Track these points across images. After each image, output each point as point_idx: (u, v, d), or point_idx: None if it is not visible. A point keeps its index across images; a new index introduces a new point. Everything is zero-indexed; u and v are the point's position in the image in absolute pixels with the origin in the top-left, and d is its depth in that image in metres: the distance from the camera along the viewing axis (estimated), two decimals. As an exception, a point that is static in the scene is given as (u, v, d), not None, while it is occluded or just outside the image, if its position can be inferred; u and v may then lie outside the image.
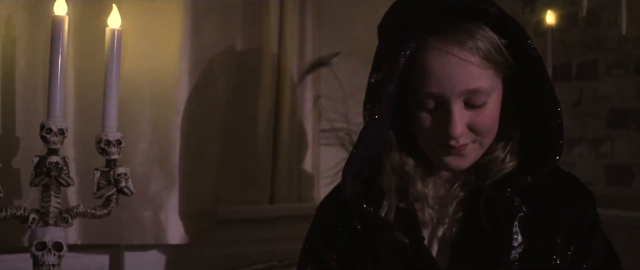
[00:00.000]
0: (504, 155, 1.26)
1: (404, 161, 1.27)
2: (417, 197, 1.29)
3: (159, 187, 1.81)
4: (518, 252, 1.24)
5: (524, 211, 1.27)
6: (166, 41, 1.81)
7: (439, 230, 1.31)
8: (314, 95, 2.33)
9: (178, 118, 1.82)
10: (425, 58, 1.13)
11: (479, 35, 1.13)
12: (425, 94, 1.14)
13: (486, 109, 1.17)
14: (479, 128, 1.18)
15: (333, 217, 1.38)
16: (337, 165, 2.48)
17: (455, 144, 1.17)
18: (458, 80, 1.12)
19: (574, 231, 1.27)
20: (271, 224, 2.20)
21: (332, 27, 2.44)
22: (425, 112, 1.17)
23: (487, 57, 1.13)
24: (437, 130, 1.17)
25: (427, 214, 1.30)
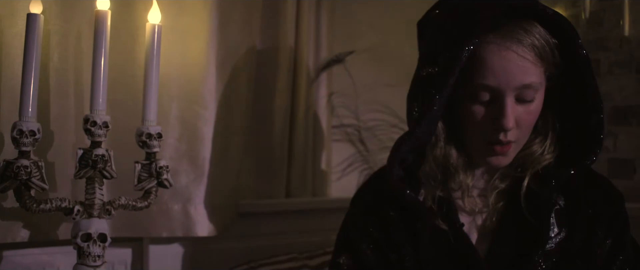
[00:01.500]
0: (542, 149, 1.32)
1: (447, 153, 1.32)
2: (459, 187, 1.34)
3: (188, 181, 1.84)
4: (554, 243, 1.30)
5: (560, 204, 1.33)
6: (194, 38, 1.84)
7: (478, 219, 1.37)
8: (328, 92, 2.36)
9: (206, 112, 1.85)
10: (485, 52, 1.18)
11: (536, 34, 1.19)
12: (482, 86, 1.19)
13: (533, 105, 1.23)
14: (524, 124, 1.24)
15: (368, 206, 1.43)
16: (345, 161, 2.54)
17: (503, 138, 1.22)
18: (515, 75, 1.18)
19: (612, 226, 1.34)
20: (288, 218, 2.23)
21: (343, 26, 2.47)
22: (478, 105, 1.22)
23: (541, 55, 1.19)
24: (488, 123, 1.22)
25: (467, 203, 1.35)
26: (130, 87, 1.75)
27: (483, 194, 1.37)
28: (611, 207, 1.36)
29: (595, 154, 1.28)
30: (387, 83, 2.53)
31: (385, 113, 2.60)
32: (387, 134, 2.63)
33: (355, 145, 2.57)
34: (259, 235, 2.16)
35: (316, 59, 2.32)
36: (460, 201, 1.36)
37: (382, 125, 2.61)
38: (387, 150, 2.59)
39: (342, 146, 2.53)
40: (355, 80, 2.46)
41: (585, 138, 1.28)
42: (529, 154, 1.32)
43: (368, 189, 1.48)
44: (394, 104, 2.59)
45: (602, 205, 1.36)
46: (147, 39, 1.52)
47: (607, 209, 1.36)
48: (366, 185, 1.51)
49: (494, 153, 1.26)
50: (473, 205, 1.36)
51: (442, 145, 1.31)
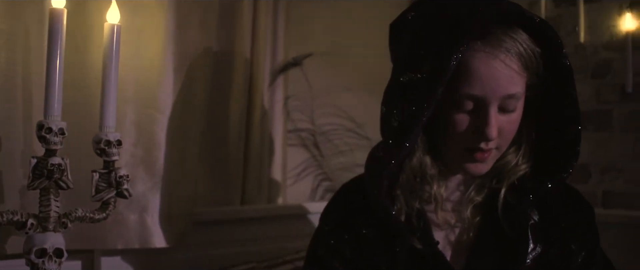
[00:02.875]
0: (516, 159, 1.29)
1: (423, 162, 1.27)
2: (433, 199, 1.30)
3: (145, 189, 1.75)
4: (530, 258, 1.27)
5: (534, 219, 1.30)
6: (150, 39, 1.75)
7: (451, 235, 1.33)
8: (284, 96, 2.30)
9: (163, 116, 1.77)
10: (471, 60, 1.14)
11: (522, 42, 1.16)
12: (467, 95, 1.16)
13: (514, 114, 1.20)
14: (505, 132, 1.21)
15: (339, 223, 1.37)
16: (299, 166, 2.48)
17: (485, 146, 1.19)
18: (501, 85, 1.14)
19: (585, 239, 1.32)
20: (243, 225, 2.16)
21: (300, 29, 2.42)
22: (461, 113, 1.18)
23: (527, 65, 1.17)
24: (469, 131, 1.19)
25: (441, 217, 1.31)
26: (83, 90, 1.65)
27: (456, 207, 1.34)
28: (583, 220, 1.35)
29: (571, 166, 1.25)
30: (344, 87, 2.49)
31: (341, 117, 2.57)
32: (342, 139, 2.59)
33: (309, 150, 2.52)
34: (215, 245, 2.07)
35: (272, 62, 2.25)
36: (432, 215, 1.32)
37: (337, 129, 2.57)
38: (341, 155, 2.61)
39: (296, 151, 2.48)
40: (311, 83, 2.41)
41: (560, 149, 1.26)
42: (504, 164, 1.30)
43: (339, 203, 1.42)
44: (351, 108, 2.56)
45: (575, 218, 1.34)
46: (105, 39, 1.43)
47: (579, 222, 1.34)
48: (337, 199, 1.45)
49: (473, 160, 1.22)
50: (447, 219, 1.32)
51: (420, 154, 1.27)
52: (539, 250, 1.28)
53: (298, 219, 2.29)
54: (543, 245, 1.29)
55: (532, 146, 1.30)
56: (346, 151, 2.61)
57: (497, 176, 1.31)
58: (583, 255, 1.32)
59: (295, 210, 2.30)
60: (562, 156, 1.26)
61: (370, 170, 1.28)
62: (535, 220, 1.30)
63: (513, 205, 1.28)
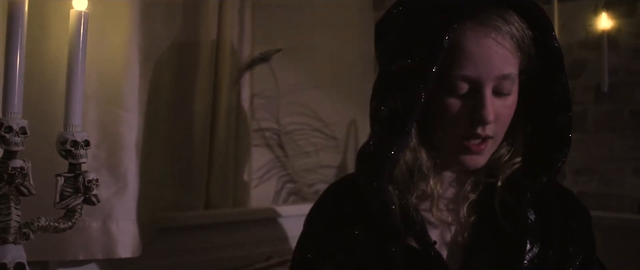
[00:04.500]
0: (510, 153, 1.25)
1: (418, 156, 1.21)
2: (428, 196, 1.24)
3: (109, 194, 1.61)
4: (527, 259, 1.23)
5: (531, 218, 1.25)
6: (115, 29, 1.61)
7: (446, 234, 1.27)
8: (251, 93, 2.18)
9: (129, 115, 1.62)
10: (463, 40, 1.11)
11: (514, 23, 1.13)
12: (460, 77, 1.11)
13: (510, 99, 1.16)
14: (502, 118, 1.16)
15: (329, 225, 1.29)
16: (263, 168, 2.37)
17: (482, 132, 1.14)
18: (495, 64, 1.11)
19: (582, 242, 1.29)
20: (209, 231, 2.04)
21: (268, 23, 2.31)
22: (455, 98, 1.14)
23: (519, 45, 1.14)
24: (465, 118, 1.14)
25: (436, 215, 1.25)
26: (42, 85, 1.50)
27: (451, 205, 1.28)
28: (580, 223, 1.32)
29: (564, 155, 1.21)
30: (313, 84, 2.39)
31: (308, 116, 2.47)
32: (307, 139, 2.49)
33: (273, 151, 2.41)
34: (179, 252, 1.95)
35: (239, 57, 2.13)
36: (427, 213, 1.25)
37: (303, 129, 2.47)
38: (306, 156, 2.50)
39: (260, 151, 2.37)
40: (279, 80, 2.29)
41: (551, 138, 1.22)
42: (498, 158, 1.25)
43: (327, 205, 1.34)
44: (318, 107, 2.47)
45: (571, 220, 1.30)
46: (71, 27, 1.28)
47: (576, 225, 1.30)
48: (324, 200, 1.36)
49: (469, 152, 1.17)
50: (442, 217, 1.26)
51: (414, 148, 1.21)
52: (536, 251, 1.23)
53: (266, 224, 2.18)
54: (540, 245, 1.24)
55: (525, 139, 1.25)
56: (311, 152, 2.52)
57: (491, 171, 1.25)
58: (581, 259, 1.28)
59: (263, 214, 2.19)
60: (553, 145, 1.21)
61: (364, 167, 1.19)
62: (532, 220, 1.25)
63: (510, 204, 1.23)
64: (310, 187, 2.53)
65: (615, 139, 2.31)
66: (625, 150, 2.29)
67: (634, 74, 2.27)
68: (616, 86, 2.29)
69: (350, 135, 2.67)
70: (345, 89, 2.58)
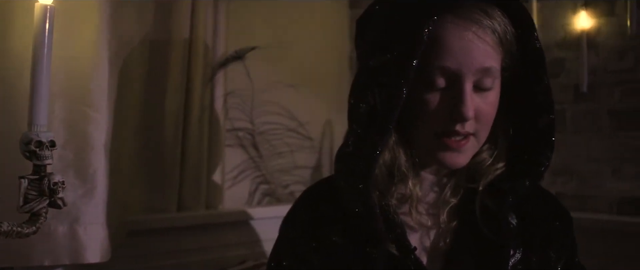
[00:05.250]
0: (492, 157, 1.22)
1: (396, 156, 1.17)
2: (407, 199, 1.20)
3: (76, 196, 1.54)
4: (511, 265, 1.20)
5: (513, 223, 1.22)
6: (83, 24, 1.54)
7: (426, 239, 1.23)
8: (224, 92, 2.12)
9: (97, 114, 1.56)
10: (442, 32, 1.08)
11: (496, 17, 1.10)
12: (439, 69, 1.08)
13: (491, 95, 1.13)
14: (483, 116, 1.12)
15: (306, 230, 1.24)
16: (236, 168, 2.32)
17: (461, 128, 1.10)
18: (475, 57, 1.08)
19: (563, 247, 1.26)
20: (181, 234, 1.98)
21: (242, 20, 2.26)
22: (433, 92, 1.10)
23: (501, 40, 1.11)
24: (443, 113, 1.10)
25: (415, 219, 1.21)
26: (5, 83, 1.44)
27: (431, 210, 1.23)
28: (562, 227, 1.29)
29: (547, 158, 1.18)
30: (287, 83, 2.34)
31: (283, 116, 2.42)
32: (282, 139, 2.45)
33: (247, 151, 2.36)
34: (150, 256, 1.90)
35: (213, 55, 2.08)
36: (406, 216, 1.21)
37: (277, 129, 2.42)
38: (280, 156, 2.45)
39: (233, 152, 2.32)
40: (253, 79, 2.24)
41: (534, 141, 1.18)
42: (479, 163, 1.21)
43: (304, 209, 1.29)
44: (293, 106, 2.43)
45: (553, 224, 1.28)
46: (36, 22, 1.22)
47: (558, 229, 1.28)
48: (301, 204, 1.32)
49: (448, 148, 1.13)
50: (422, 221, 1.22)
51: (392, 145, 1.17)
52: (518, 257, 1.20)
53: (240, 226, 2.13)
54: (523, 251, 1.21)
55: (508, 143, 1.22)
56: (286, 152, 2.47)
57: (472, 176, 1.22)
58: (562, 264, 1.25)
59: (236, 216, 2.13)
60: (536, 149, 1.18)
61: (344, 168, 1.15)
62: (514, 225, 1.22)
63: (491, 209, 1.20)
64: (285, 188, 2.48)
65: (593, 139, 2.29)
66: (603, 151, 2.27)
67: (612, 74, 2.25)
68: (595, 86, 2.27)
69: (326, 136, 2.63)
70: (320, 88, 2.54)
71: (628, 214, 2.22)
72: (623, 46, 2.23)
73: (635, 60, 2.21)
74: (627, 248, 2.11)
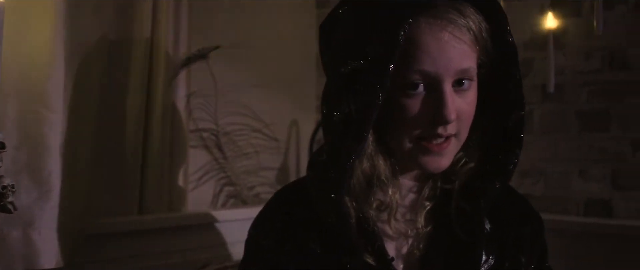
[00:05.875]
0: (465, 157, 1.19)
1: (375, 165, 1.13)
2: (386, 206, 1.16)
3: (30, 200, 1.48)
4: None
5: (487, 228, 1.20)
6: (37, 22, 1.49)
7: (403, 247, 1.19)
8: (187, 92, 2.08)
9: (52, 115, 1.50)
10: (418, 34, 1.04)
11: (470, 15, 1.07)
12: (417, 72, 1.04)
13: (470, 94, 1.09)
14: (464, 116, 1.09)
15: (280, 235, 1.19)
16: (200, 170, 2.28)
17: (443, 131, 1.07)
18: (453, 58, 1.04)
19: (533, 251, 1.24)
20: (143, 238, 1.93)
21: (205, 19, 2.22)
22: (412, 98, 1.06)
23: (477, 38, 1.07)
24: (424, 118, 1.06)
25: (394, 228, 1.17)
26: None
27: (409, 215, 1.20)
28: (532, 231, 1.26)
29: (516, 156, 1.14)
30: (252, 83, 2.30)
31: (247, 116, 2.38)
32: (247, 140, 2.41)
33: (211, 152, 2.31)
34: (110, 261, 1.85)
35: (175, 54, 2.03)
36: (384, 225, 1.17)
37: (242, 129, 2.38)
38: (246, 157, 2.41)
39: (197, 153, 2.28)
40: (217, 79, 2.19)
41: (503, 139, 1.15)
42: (454, 163, 1.17)
43: (276, 213, 1.23)
44: (258, 107, 2.39)
45: (524, 227, 1.25)
46: (-15, 19, 1.17)
47: (529, 233, 1.25)
48: (273, 208, 1.26)
49: (431, 152, 1.09)
50: (400, 229, 1.18)
51: (370, 154, 1.12)
52: (491, 262, 1.18)
53: (203, 229, 2.08)
54: (495, 256, 1.19)
55: (480, 141, 1.19)
56: (251, 153, 2.43)
57: (448, 176, 1.19)
58: (532, 269, 1.23)
59: (200, 219, 2.09)
60: (506, 147, 1.15)
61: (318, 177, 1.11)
62: (488, 229, 1.20)
63: (466, 211, 1.17)
64: (251, 190, 2.44)
65: (561, 140, 2.29)
66: (570, 152, 2.27)
67: (580, 75, 2.25)
68: (562, 86, 2.27)
69: (292, 136, 2.59)
70: (286, 89, 2.51)
71: (595, 215, 2.22)
72: (590, 47, 2.23)
73: (602, 61, 2.21)
74: (594, 249, 2.11)
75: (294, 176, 2.54)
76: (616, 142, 2.19)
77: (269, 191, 2.37)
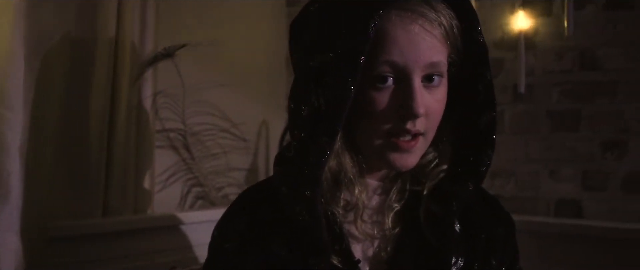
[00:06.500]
0: (436, 158, 1.17)
1: (341, 162, 1.10)
2: (352, 206, 1.13)
3: (-12, 202, 1.44)
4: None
5: (457, 230, 1.17)
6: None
7: (369, 249, 1.16)
8: (153, 92, 2.03)
9: (12, 114, 1.47)
10: (388, 26, 1.02)
11: (442, 11, 1.05)
12: (386, 63, 1.02)
13: (439, 91, 1.07)
14: (432, 113, 1.07)
15: (245, 238, 1.15)
16: (168, 171, 2.24)
17: (412, 127, 1.04)
18: (423, 51, 1.02)
19: (505, 253, 1.22)
20: (107, 240, 1.88)
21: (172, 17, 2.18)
22: (380, 91, 1.04)
23: (448, 34, 1.05)
24: (392, 112, 1.04)
25: (360, 229, 1.13)
26: None
27: (376, 216, 1.16)
28: (504, 234, 1.24)
29: (488, 158, 1.12)
30: (220, 82, 2.27)
31: (215, 116, 2.34)
32: (215, 140, 2.37)
33: (179, 153, 2.27)
34: (74, 264, 1.78)
35: (141, 52, 1.99)
36: (350, 225, 1.14)
37: (211, 129, 2.35)
38: (214, 158, 2.37)
39: (164, 153, 2.23)
40: (184, 78, 2.15)
41: (475, 140, 1.13)
42: (424, 164, 1.16)
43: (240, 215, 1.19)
44: (227, 106, 2.36)
45: (495, 229, 1.22)
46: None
47: (500, 235, 1.22)
48: (237, 210, 1.22)
49: (399, 149, 1.06)
50: (366, 230, 1.15)
51: (337, 151, 1.10)
52: (461, 264, 1.16)
53: (170, 231, 2.04)
54: (465, 258, 1.16)
55: (451, 143, 1.17)
56: (220, 154, 2.39)
57: (417, 178, 1.17)
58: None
59: (166, 221, 2.05)
60: (478, 148, 1.13)
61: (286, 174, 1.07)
62: (458, 231, 1.17)
63: (436, 213, 1.14)
64: (219, 190, 2.41)
65: (531, 140, 2.29)
66: (541, 152, 2.27)
67: (550, 75, 2.25)
68: (533, 87, 2.26)
69: (262, 136, 2.56)
70: (255, 88, 2.47)
71: (565, 216, 2.22)
72: (560, 47, 2.23)
73: (572, 61, 2.21)
74: (565, 250, 2.11)
75: (264, 177, 2.51)
76: (586, 143, 2.19)
77: (238, 192, 2.33)
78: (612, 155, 2.14)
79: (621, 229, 2.04)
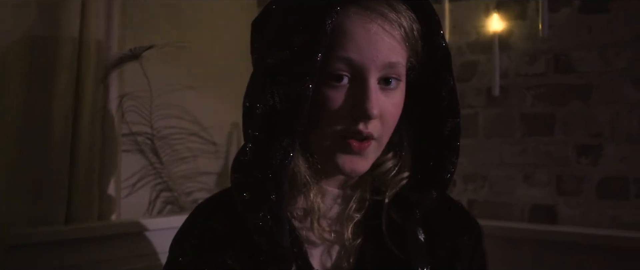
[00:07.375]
0: (397, 166, 1.14)
1: (297, 164, 1.07)
2: (308, 213, 1.10)
3: (-60, 210, 1.37)
4: None
5: (421, 239, 1.14)
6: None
7: (328, 260, 1.13)
8: (119, 94, 1.98)
9: (-33, 118, 1.40)
10: (346, 23, 1.01)
11: (402, 11, 1.04)
12: (343, 60, 1.00)
13: (396, 95, 1.05)
14: (387, 117, 1.05)
15: (200, 253, 1.12)
16: (135, 175, 2.19)
17: (364, 129, 1.01)
18: (380, 50, 1.01)
19: (472, 261, 1.19)
20: (70, 248, 1.82)
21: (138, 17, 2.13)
22: (335, 89, 1.01)
23: (407, 36, 1.04)
24: (345, 112, 1.01)
25: (318, 234, 1.10)
26: None
27: (336, 227, 1.13)
28: (469, 241, 1.21)
29: (452, 165, 1.10)
30: (187, 85, 2.21)
31: (184, 119, 2.29)
32: (184, 144, 2.33)
33: (146, 157, 2.22)
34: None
35: (106, 53, 1.93)
36: (308, 232, 1.11)
37: (179, 133, 2.30)
38: (183, 162, 2.31)
39: (131, 158, 2.18)
40: (151, 80, 2.10)
41: (439, 148, 1.11)
42: (384, 173, 1.13)
43: (195, 228, 1.16)
44: (195, 109, 2.31)
45: (461, 236, 1.20)
46: None
47: (466, 242, 1.20)
48: (192, 223, 1.18)
49: (350, 151, 1.03)
50: (324, 235, 1.12)
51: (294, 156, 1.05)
52: None
53: (135, 238, 1.99)
54: (430, 268, 1.13)
55: (412, 150, 1.14)
56: (189, 158, 2.34)
57: (377, 187, 1.14)
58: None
59: (131, 227, 1.99)
60: (442, 155, 1.11)
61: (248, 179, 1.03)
62: (422, 240, 1.14)
63: (398, 222, 1.12)
64: (189, 195, 2.36)
65: (505, 144, 2.26)
66: (515, 156, 2.24)
67: (524, 78, 2.22)
68: (507, 89, 2.24)
69: (233, 140, 2.51)
70: (225, 90, 2.42)
71: (540, 221, 2.20)
72: (535, 49, 2.21)
73: (546, 64, 2.19)
74: (539, 256, 2.08)
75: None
76: (561, 147, 2.17)
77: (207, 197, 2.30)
78: (586, 159, 2.12)
79: (595, 235, 2.02)
